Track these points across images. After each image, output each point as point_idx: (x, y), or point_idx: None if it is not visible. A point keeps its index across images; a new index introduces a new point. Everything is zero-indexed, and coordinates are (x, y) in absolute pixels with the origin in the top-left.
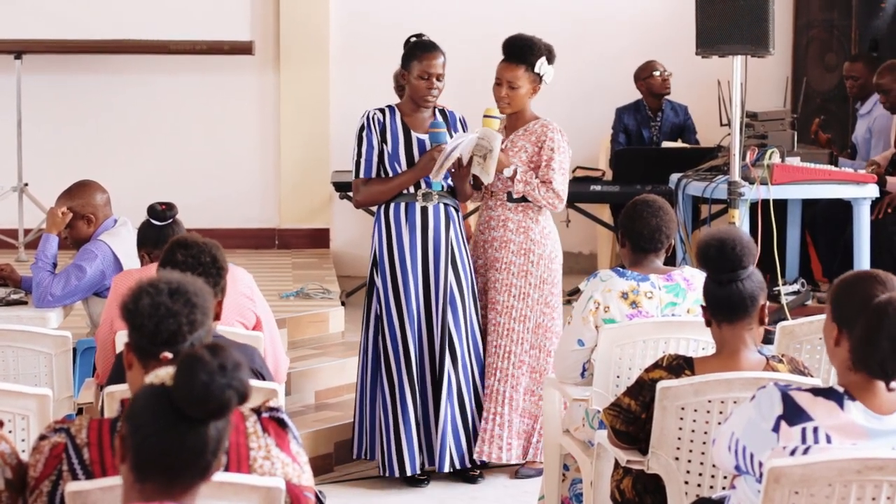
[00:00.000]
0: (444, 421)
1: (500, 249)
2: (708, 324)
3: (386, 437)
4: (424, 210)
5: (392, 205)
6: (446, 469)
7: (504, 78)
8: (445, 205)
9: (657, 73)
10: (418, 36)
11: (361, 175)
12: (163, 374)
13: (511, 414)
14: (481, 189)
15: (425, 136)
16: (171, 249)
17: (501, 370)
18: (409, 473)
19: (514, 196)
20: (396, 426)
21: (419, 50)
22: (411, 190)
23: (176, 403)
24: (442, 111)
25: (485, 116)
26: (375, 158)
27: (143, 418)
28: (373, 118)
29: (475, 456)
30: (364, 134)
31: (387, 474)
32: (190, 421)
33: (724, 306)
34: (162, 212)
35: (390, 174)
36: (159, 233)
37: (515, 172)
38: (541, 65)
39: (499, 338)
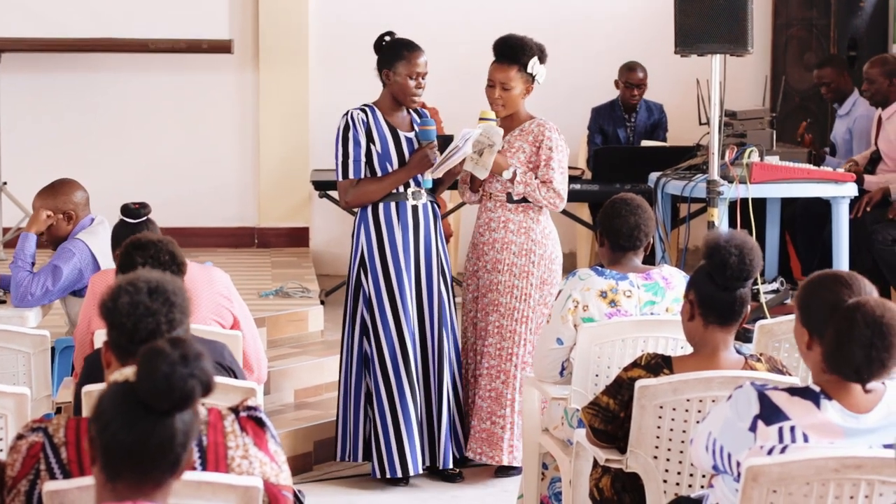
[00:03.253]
0: (449, 419)
1: (502, 251)
2: (690, 318)
3: (385, 439)
4: (415, 208)
5: (381, 204)
6: (450, 465)
7: (496, 79)
8: (432, 202)
9: (631, 83)
10: (390, 35)
11: (351, 175)
12: (127, 371)
13: (513, 416)
14: (479, 191)
15: (410, 135)
16: (128, 252)
17: (505, 372)
18: (412, 474)
19: (515, 197)
20: (397, 428)
21: (405, 49)
22: (401, 189)
23: (140, 397)
24: (416, 109)
25: (480, 119)
26: (363, 158)
27: (109, 416)
28: (357, 117)
29: (471, 455)
30: (350, 134)
31: (388, 475)
32: (156, 414)
33: (724, 310)
34: (135, 210)
35: (378, 174)
36: (133, 231)
37: (515, 174)
38: (533, 64)
39: (502, 340)
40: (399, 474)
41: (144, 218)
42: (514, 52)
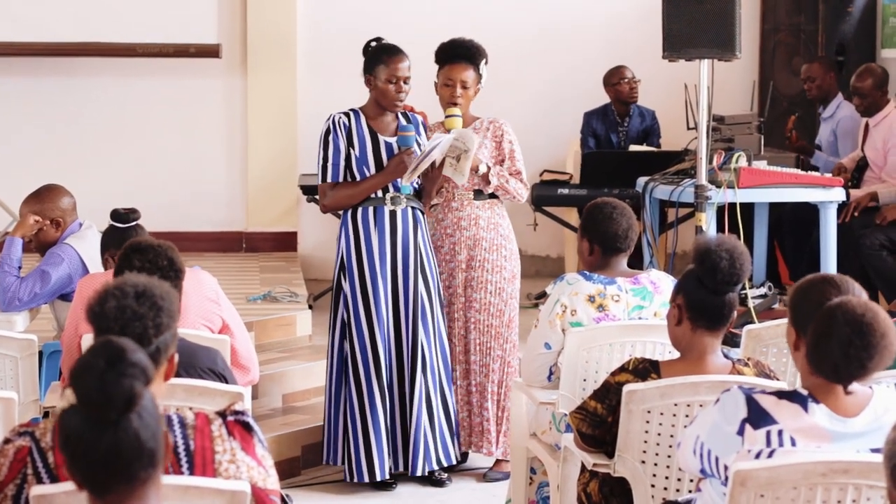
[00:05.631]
0: (417, 425)
1: (474, 248)
2: (677, 323)
3: (354, 442)
4: (393, 214)
5: (360, 209)
6: (419, 473)
7: (457, 78)
8: (413, 208)
9: (625, 81)
10: (377, 40)
11: (329, 179)
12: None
13: (494, 408)
14: (442, 193)
15: (392, 140)
16: (127, 255)
17: (485, 366)
18: (378, 479)
19: (487, 192)
20: (366, 432)
21: (385, 54)
22: (379, 193)
23: (89, 415)
24: (405, 114)
25: (448, 117)
26: (342, 162)
27: (73, 441)
28: (338, 122)
29: (465, 449)
30: (330, 138)
31: (355, 480)
32: (111, 423)
33: (713, 314)
34: (125, 215)
35: (357, 178)
36: (123, 235)
37: (489, 168)
38: (483, 67)
39: (480, 335)
40: (366, 479)
41: (134, 223)
42: (471, 54)
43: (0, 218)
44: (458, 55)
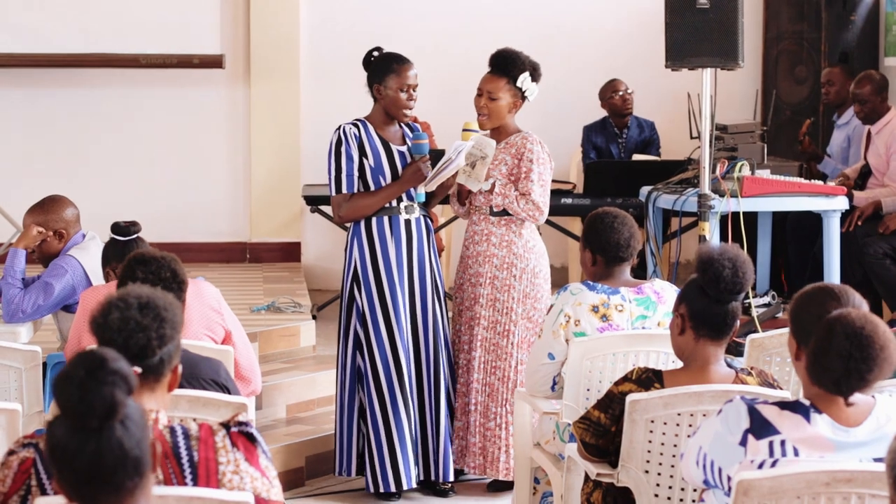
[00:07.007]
0: (445, 431)
1: (484, 264)
2: (680, 332)
3: (379, 453)
4: (408, 222)
5: (374, 218)
6: (451, 478)
7: (484, 88)
8: (424, 216)
9: (618, 94)
10: (378, 50)
11: (344, 190)
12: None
13: (497, 429)
14: (465, 205)
15: (403, 149)
16: (130, 267)
17: (490, 385)
18: (405, 488)
19: (495, 209)
20: (391, 442)
21: (396, 62)
22: (393, 203)
23: (72, 424)
24: (408, 123)
25: (463, 130)
26: (356, 173)
27: (58, 451)
28: (349, 132)
29: (468, 470)
30: (342, 148)
31: (381, 490)
32: (94, 431)
33: (716, 323)
34: (125, 227)
35: (372, 188)
36: (123, 248)
37: (493, 185)
38: (523, 80)
39: (486, 353)
40: (392, 488)
41: (134, 236)
42: (505, 64)
43: (3, 229)
44: (492, 65)
